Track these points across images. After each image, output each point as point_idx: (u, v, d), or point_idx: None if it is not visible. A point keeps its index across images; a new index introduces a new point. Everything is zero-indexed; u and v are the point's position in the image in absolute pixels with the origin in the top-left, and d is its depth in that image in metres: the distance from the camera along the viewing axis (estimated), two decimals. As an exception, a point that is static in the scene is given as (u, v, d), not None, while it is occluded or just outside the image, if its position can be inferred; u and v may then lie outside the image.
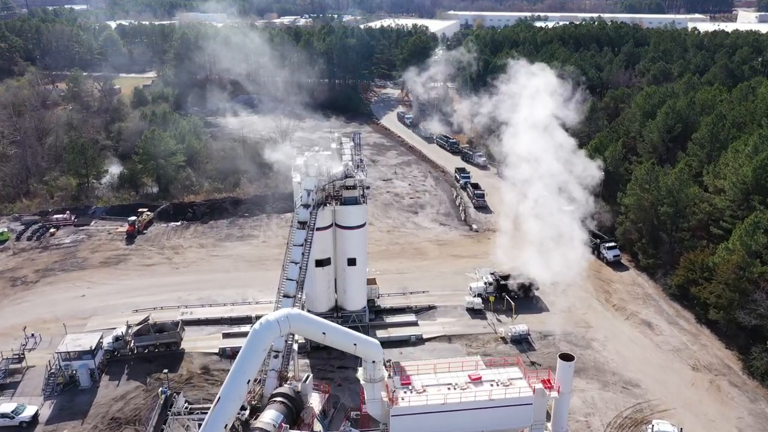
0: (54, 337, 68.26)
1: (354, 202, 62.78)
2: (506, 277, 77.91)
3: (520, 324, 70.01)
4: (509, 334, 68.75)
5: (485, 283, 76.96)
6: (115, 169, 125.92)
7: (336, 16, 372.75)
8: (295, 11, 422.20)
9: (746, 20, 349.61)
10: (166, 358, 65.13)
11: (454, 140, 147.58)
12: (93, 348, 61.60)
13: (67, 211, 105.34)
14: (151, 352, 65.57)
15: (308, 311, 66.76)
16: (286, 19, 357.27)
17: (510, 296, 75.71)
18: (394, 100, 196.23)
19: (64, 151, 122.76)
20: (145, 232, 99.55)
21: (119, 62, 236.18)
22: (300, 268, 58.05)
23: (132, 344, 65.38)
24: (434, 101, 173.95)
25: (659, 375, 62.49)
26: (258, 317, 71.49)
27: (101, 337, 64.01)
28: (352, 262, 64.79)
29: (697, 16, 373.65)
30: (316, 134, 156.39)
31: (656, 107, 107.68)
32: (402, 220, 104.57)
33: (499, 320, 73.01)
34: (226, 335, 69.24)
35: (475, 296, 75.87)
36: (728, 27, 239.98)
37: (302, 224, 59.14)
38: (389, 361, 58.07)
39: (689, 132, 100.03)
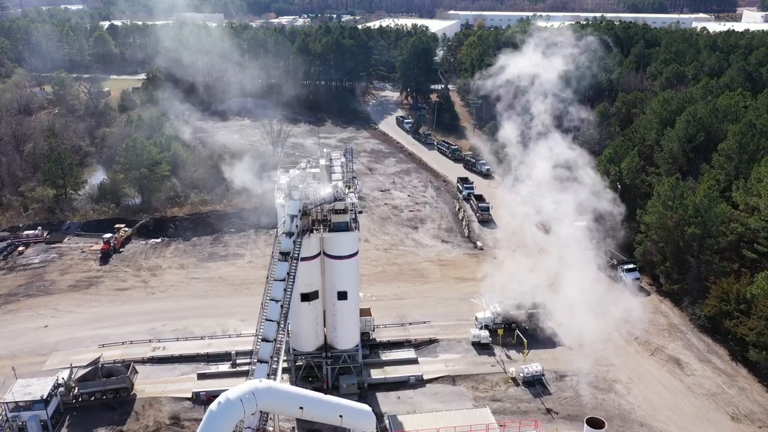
0: (7, 378, 60.28)
1: (344, 228, 54.88)
2: (515, 307, 69.97)
3: (533, 363, 62.12)
4: (521, 374, 60.89)
5: (492, 314, 69.07)
6: (98, 179, 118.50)
7: (334, 16, 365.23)
8: (294, 11, 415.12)
9: (751, 20, 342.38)
10: (125, 404, 57.25)
11: (456, 147, 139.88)
12: (45, 396, 53.73)
13: (39, 227, 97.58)
14: (99, 399, 57.56)
15: (293, 350, 59.54)
16: (284, 19, 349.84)
17: (520, 329, 67.82)
18: (392, 104, 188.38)
19: (41, 160, 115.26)
20: (121, 250, 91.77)
21: (110, 63, 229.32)
22: (281, 306, 50.19)
23: (76, 391, 57.42)
24: (434, 105, 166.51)
25: (694, 427, 54.59)
26: (238, 353, 64.93)
27: (56, 383, 56.05)
28: (342, 295, 56.88)
29: (701, 15, 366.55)
30: (310, 140, 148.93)
31: (675, 114, 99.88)
32: (400, 236, 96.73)
33: (508, 357, 65.16)
34: (201, 376, 61.40)
35: (481, 328, 68.08)
36: (734, 26, 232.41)
37: (285, 255, 51.37)
38: (385, 417, 50.53)
39: (711, 142, 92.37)
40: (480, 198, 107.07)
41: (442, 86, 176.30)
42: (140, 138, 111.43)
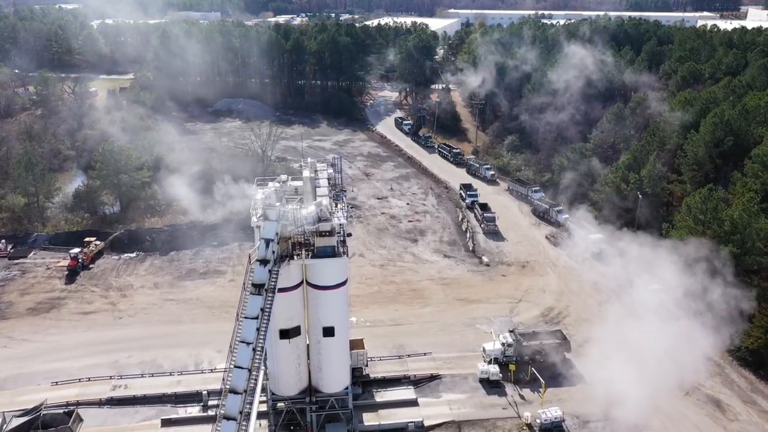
0: (-59, 424, 52.06)
1: (330, 253, 46.36)
2: (529, 337, 61.54)
3: (551, 406, 53.65)
4: (538, 420, 52.44)
5: (503, 345, 60.55)
6: (74, 185, 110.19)
7: (333, 15, 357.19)
8: (292, 10, 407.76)
9: (757, 18, 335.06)
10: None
11: (458, 150, 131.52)
12: (-24, 453, 45.46)
13: (3, 240, 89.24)
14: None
15: (272, 394, 50.98)
16: (282, 18, 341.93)
17: (535, 363, 59.28)
18: (391, 104, 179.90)
19: (13, 166, 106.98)
20: (91, 266, 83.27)
21: (100, 63, 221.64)
22: (254, 349, 41.81)
23: None
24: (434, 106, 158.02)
25: (746, 489, 46.28)
26: (210, 393, 56.58)
27: (-9, 436, 47.76)
28: (328, 332, 48.38)
29: (705, 14, 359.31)
30: (304, 143, 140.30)
31: (699, 116, 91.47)
32: (398, 250, 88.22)
33: (522, 397, 56.68)
34: (165, 422, 52.96)
35: (489, 362, 59.61)
36: (742, 25, 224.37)
37: (258, 287, 42.96)
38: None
39: (740, 146, 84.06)
40: (485, 207, 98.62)
41: (443, 86, 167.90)
42: (117, 141, 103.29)
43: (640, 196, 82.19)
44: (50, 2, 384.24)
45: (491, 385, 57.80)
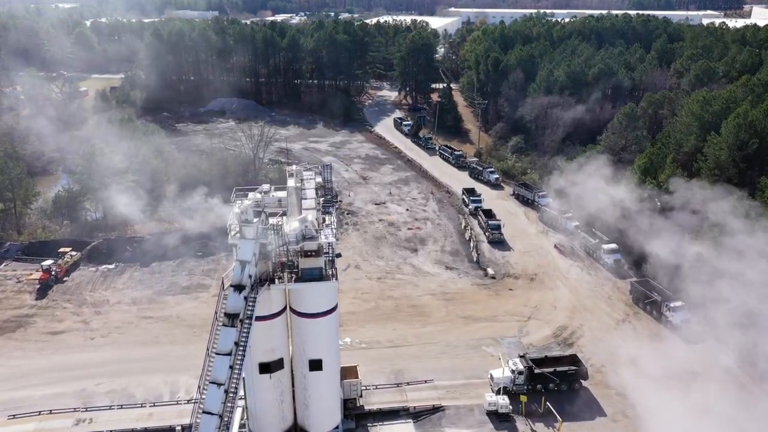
0: None
1: (317, 276, 40.26)
2: (542, 361, 55.51)
3: (569, 445, 47.70)
4: (554, 462, 46.50)
5: (513, 372, 54.43)
6: (58, 190, 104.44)
7: (332, 14, 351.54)
8: (291, 9, 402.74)
9: (762, 16, 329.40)
10: None
11: (460, 152, 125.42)
12: None
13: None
14: None
15: (252, 434, 44.79)
16: (281, 17, 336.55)
17: (549, 392, 53.24)
18: (390, 104, 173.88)
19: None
20: (65, 279, 77.10)
21: (92, 62, 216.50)
22: (226, 391, 35.81)
23: None
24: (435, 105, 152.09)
25: None
26: (184, 428, 50.58)
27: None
28: (315, 365, 42.27)
29: (709, 12, 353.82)
30: (298, 144, 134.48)
31: (719, 116, 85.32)
32: (397, 261, 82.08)
33: (535, 433, 50.70)
34: (132, 465, 46.95)
35: (498, 392, 53.47)
36: (749, 23, 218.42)
37: (231, 318, 36.92)
38: None
39: (766, 150, 77.92)
40: (489, 214, 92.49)
41: (444, 85, 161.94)
42: (99, 144, 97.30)
43: (658, 203, 76.12)
44: (49, 2, 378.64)
45: (500, 419, 51.55)
